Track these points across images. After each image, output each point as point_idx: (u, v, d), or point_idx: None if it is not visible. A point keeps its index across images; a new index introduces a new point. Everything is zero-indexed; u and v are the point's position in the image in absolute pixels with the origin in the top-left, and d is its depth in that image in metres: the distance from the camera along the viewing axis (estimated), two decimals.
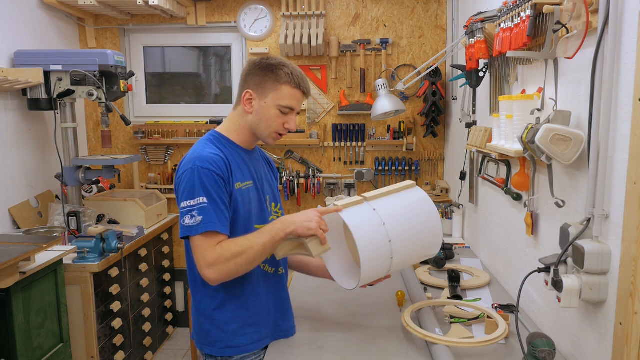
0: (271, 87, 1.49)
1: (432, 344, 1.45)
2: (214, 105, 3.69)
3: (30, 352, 2.11)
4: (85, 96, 2.80)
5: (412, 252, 1.55)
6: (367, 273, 1.43)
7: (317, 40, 3.26)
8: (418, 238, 1.53)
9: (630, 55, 1.14)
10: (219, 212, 1.41)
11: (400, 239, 1.46)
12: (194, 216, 1.39)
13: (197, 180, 1.40)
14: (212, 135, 1.56)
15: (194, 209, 1.39)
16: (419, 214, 1.54)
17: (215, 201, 1.40)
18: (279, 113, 1.51)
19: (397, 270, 1.58)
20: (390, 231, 1.44)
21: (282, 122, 1.52)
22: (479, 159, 2.44)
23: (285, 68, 1.49)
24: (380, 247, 1.43)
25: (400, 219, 1.50)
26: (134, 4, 3.09)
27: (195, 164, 1.42)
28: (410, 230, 1.50)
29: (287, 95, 1.50)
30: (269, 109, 1.50)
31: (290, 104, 1.50)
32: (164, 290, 3.51)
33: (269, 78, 1.49)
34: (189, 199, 1.40)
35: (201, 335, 1.55)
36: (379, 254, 1.44)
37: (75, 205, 2.93)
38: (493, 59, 2.07)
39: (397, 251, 1.46)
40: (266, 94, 1.50)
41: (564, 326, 1.52)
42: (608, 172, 1.24)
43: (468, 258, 2.44)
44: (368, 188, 3.55)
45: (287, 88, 1.49)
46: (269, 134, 1.54)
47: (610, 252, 1.24)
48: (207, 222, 1.38)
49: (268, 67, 1.50)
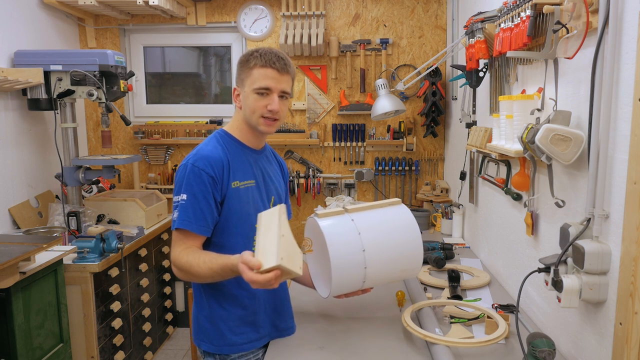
0: (245, 74, 1.52)
1: (432, 344, 1.45)
2: (214, 105, 3.69)
3: (30, 352, 2.11)
4: (85, 96, 2.80)
5: (388, 264, 1.53)
6: (338, 279, 1.44)
7: (317, 40, 3.26)
8: (396, 251, 1.52)
9: (630, 55, 1.14)
10: (198, 211, 1.43)
11: (376, 249, 1.47)
12: (175, 211, 1.45)
13: (185, 177, 1.44)
14: (218, 134, 1.58)
15: (176, 204, 1.44)
16: (399, 227, 1.54)
17: (196, 199, 1.42)
18: (257, 97, 1.50)
19: (377, 284, 1.57)
20: (365, 241, 1.46)
21: (264, 105, 1.50)
22: (479, 159, 2.44)
23: (255, 53, 1.51)
24: (353, 256, 1.45)
25: (378, 230, 1.51)
26: (134, 4, 3.09)
27: (188, 161, 1.46)
28: (387, 242, 1.51)
29: (259, 77, 1.49)
30: (248, 96, 1.51)
31: (263, 84, 1.49)
32: (164, 290, 3.50)
33: (243, 67, 1.52)
34: (177, 194, 1.46)
35: (199, 332, 1.57)
36: (351, 262, 1.45)
37: (75, 205, 2.92)
38: (493, 59, 2.07)
39: (372, 262, 1.46)
40: (244, 84, 1.52)
41: (564, 326, 1.52)
42: (608, 172, 1.24)
43: (468, 258, 2.44)
44: (368, 188, 3.55)
45: (257, 70, 1.50)
46: (255, 120, 1.52)
47: (610, 252, 1.23)
48: (180, 219, 1.43)
49: (243, 59, 1.54)
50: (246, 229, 1.51)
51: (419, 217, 3.05)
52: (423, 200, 3.31)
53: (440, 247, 2.42)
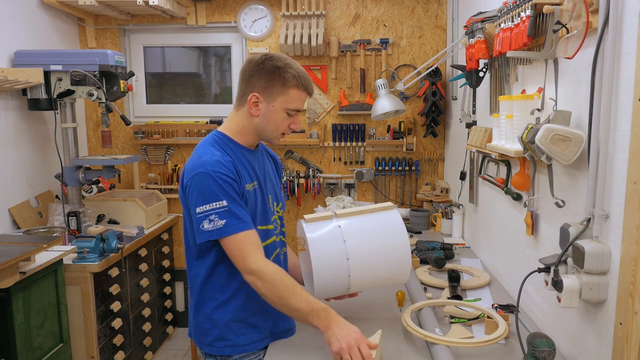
0: (279, 90, 1.48)
1: (432, 344, 1.45)
2: (214, 105, 3.69)
3: (30, 352, 2.11)
4: (85, 96, 2.80)
5: (373, 272, 1.56)
6: (320, 286, 1.48)
7: (317, 40, 3.26)
8: (381, 258, 1.54)
9: (630, 55, 1.14)
10: (241, 211, 1.43)
11: (361, 257, 1.50)
12: (212, 220, 1.39)
13: (213, 185, 1.40)
14: (216, 136, 1.54)
15: (212, 213, 1.39)
16: (386, 234, 1.56)
17: (235, 202, 1.42)
18: (286, 116, 1.51)
19: (363, 289, 1.63)
20: (350, 249, 1.48)
21: (288, 124, 1.54)
22: (479, 159, 2.44)
23: (291, 70, 1.48)
24: (336, 263, 1.47)
25: (365, 237, 1.53)
26: (134, 4, 3.09)
27: (206, 169, 1.41)
28: (373, 250, 1.53)
29: (295, 98, 1.50)
30: (277, 112, 1.50)
31: (297, 106, 1.51)
32: (164, 290, 3.51)
33: (276, 82, 1.47)
34: (204, 204, 1.39)
35: (200, 335, 1.55)
36: (335, 269, 1.48)
37: (75, 205, 2.92)
38: (493, 59, 2.07)
39: (356, 269, 1.50)
40: (274, 98, 1.49)
41: (564, 326, 1.52)
42: (608, 172, 1.24)
43: (468, 258, 2.44)
44: (368, 188, 3.55)
45: (294, 91, 1.48)
46: (275, 135, 1.55)
47: (610, 252, 1.24)
48: (234, 224, 1.39)
49: (275, 70, 1.47)
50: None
51: (419, 217, 3.05)
52: (423, 200, 3.31)
53: (440, 247, 2.42)
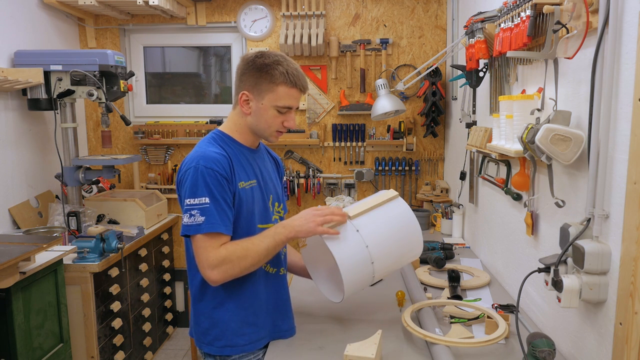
0: (267, 88, 1.48)
1: (432, 344, 1.45)
2: (214, 105, 3.69)
3: (30, 352, 2.11)
4: (85, 96, 2.80)
5: (393, 268, 1.62)
6: (350, 285, 1.48)
7: (317, 40, 3.26)
8: (401, 252, 1.59)
9: (630, 55, 1.14)
10: (222, 212, 1.41)
11: (382, 258, 1.52)
12: (193, 215, 1.40)
13: (200, 179, 1.40)
14: (215, 134, 1.56)
15: (195, 208, 1.40)
16: (402, 231, 1.58)
17: (218, 202, 1.41)
18: (277, 113, 1.50)
19: (387, 273, 1.67)
20: (373, 253, 1.49)
21: (281, 121, 1.53)
22: (479, 159, 2.44)
23: (279, 67, 1.47)
24: (363, 270, 1.48)
25: (384, 239, 1.54)
26: (134, 4, 3.09)
27: (199, 163, 1.42)
28: (393, 248, 1.55)
29: (284, 96, 1.48)
30: (267, 110, 1.49)
31: (287, 104, 1.50)
32: (164, 290, 3.51)
33: (264, 79, 1.47)
34: (191, 197, 1.41)
35: (200, 334, 1.56)
36: (361, 278, 1.50)
37: (75, 205, 2.93)
38: (493, 59, 2.07)
39: (379, 271, 1.53)
40: (262, 96, 1.48)
41: (564, 326, 1.52)
42: (608, 172, 1.24)
43: (468, 258, 2.44)
44: (368, 188, 3.55)
45: (283, 88, 1.47)
46: (269, 133, 1.55)
47: (610, 252, 1.24)
48: (209, 223, 1.39)
49: (262, 67, 1.47)
50: (252, 229, 1.51)
51: (419, 217, 3.02)
52: (423, 200, 3.31)
53: (440, 247, 2.42)
